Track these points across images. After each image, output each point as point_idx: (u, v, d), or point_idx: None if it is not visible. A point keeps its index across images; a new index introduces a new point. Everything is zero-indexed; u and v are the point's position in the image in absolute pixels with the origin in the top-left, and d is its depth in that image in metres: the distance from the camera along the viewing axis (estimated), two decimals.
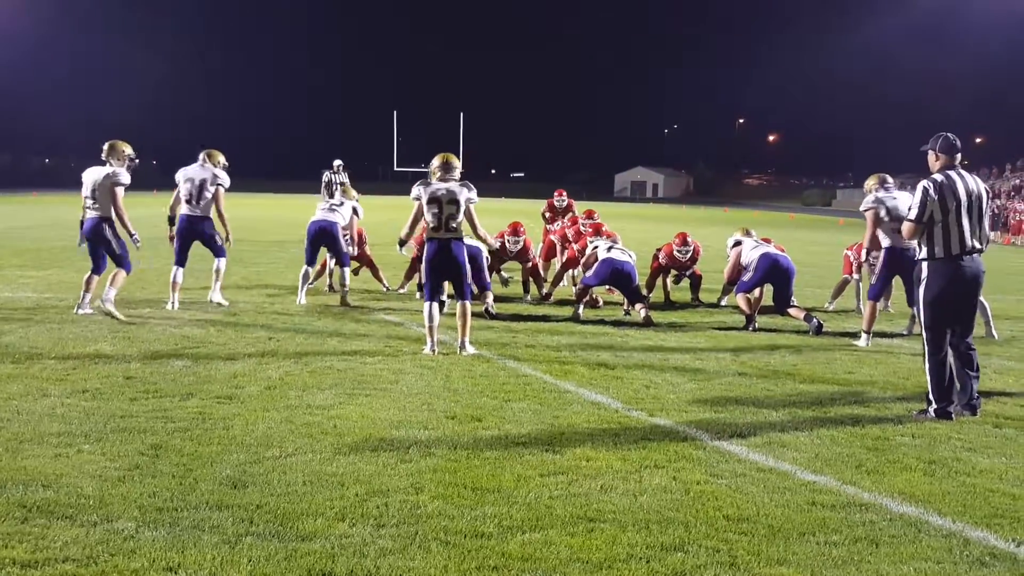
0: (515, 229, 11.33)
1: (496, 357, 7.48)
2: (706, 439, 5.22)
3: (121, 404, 5.56)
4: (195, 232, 9.76)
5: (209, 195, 9.66)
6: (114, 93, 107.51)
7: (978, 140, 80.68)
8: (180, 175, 9.80)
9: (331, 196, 18.92)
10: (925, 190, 5.81)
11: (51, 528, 3.61)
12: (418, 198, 7.67)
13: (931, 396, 5.90)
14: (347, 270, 10.51)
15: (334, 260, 11.05)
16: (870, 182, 8.60)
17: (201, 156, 9.84)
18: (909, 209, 5.97)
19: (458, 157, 8.02)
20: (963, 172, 5.91)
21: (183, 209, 9.72)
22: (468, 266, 7.85)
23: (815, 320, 9.25)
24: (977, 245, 5.83)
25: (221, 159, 9.91)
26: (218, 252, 9.94)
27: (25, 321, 8.41)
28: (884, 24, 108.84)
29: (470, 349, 7.67)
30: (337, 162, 19.29)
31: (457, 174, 7.76)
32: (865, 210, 8.37)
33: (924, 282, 5.92)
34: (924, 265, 5.93)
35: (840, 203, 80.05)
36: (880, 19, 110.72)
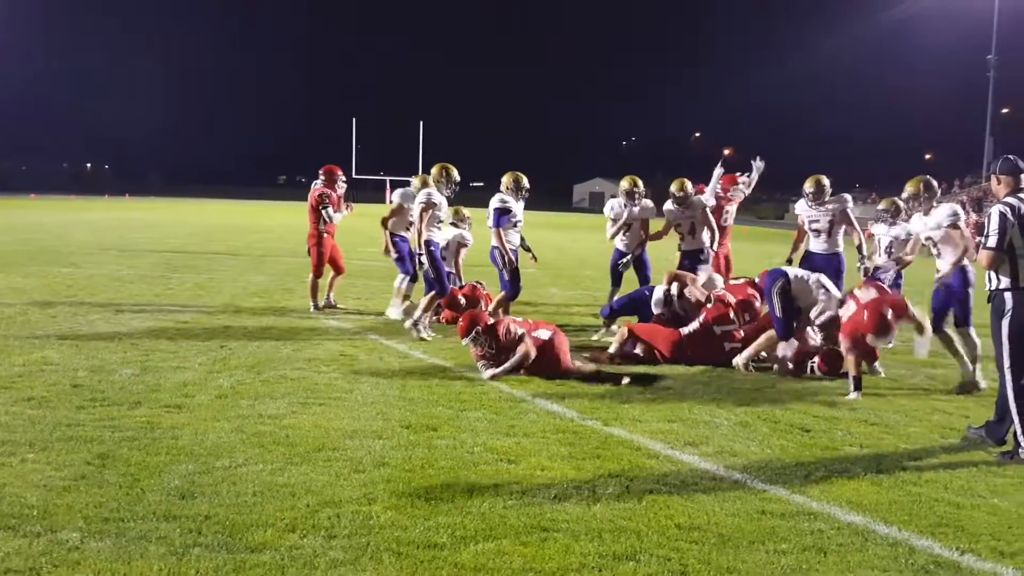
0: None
1: (452, 366, 7.46)
2: (659, 448, 5.26)
3: (67, 412, 5.44)
4: None
5: None
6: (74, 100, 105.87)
7: (927, 156, 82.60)
8: None
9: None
10: (1003, 215, 5.37)
11: None
12: None
13: (1020, 436, 5.36)
14: None
15: None
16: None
17: None
18: (986, 236, 5.42)
19: (418, 165, 8.51)
20: None
21: None
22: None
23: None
24: None
25: None
26: None
27: None
28: (835, 46, 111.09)
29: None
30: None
31: (432, 186, 8.99)
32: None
33: (1009, 314, 5.40)
34: (1008, 296, 5.42)
35: (792, 216, 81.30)
36: (831, 42, 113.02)
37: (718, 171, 10.39)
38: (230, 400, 5.94)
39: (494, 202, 8.99)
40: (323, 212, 10.52)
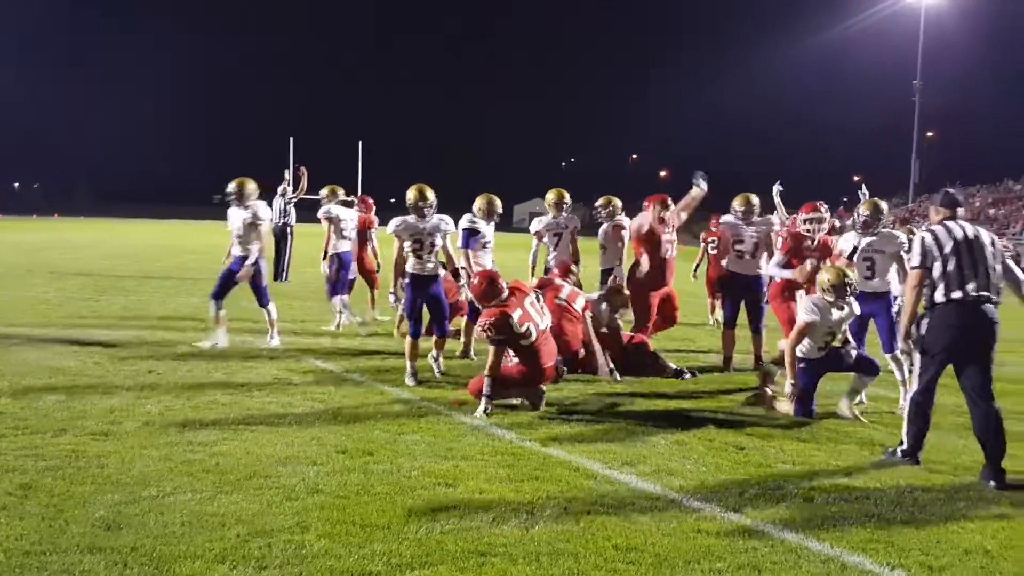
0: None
1: (390, 388, 7.39)
2: (597, 468, 5.26)
3: None
4: None
5: None
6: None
7: (855, 178, 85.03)
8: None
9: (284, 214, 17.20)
10: (923, 238, 5.72)
11: None
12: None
13: (904, 437, 5.77)
14: None
15: None
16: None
17: None
18: (910, 257, 5.82)
19: (357, 186, 8.26)
20: (964, 223, 5.74)
21: None
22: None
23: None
24: (984, 293, 5.53)
25: None
26: None
27: None
28: (766, 70, 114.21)
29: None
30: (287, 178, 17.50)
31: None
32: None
33: (926, 330, 5.67)
34: (925, 316, 5.71)
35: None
36: (763, 66, 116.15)
37: (777, 188, 10.46)
38: (158, 427, 5.78)
39: (462, 223, 8.91)
40: (371, 236, 11.76)
